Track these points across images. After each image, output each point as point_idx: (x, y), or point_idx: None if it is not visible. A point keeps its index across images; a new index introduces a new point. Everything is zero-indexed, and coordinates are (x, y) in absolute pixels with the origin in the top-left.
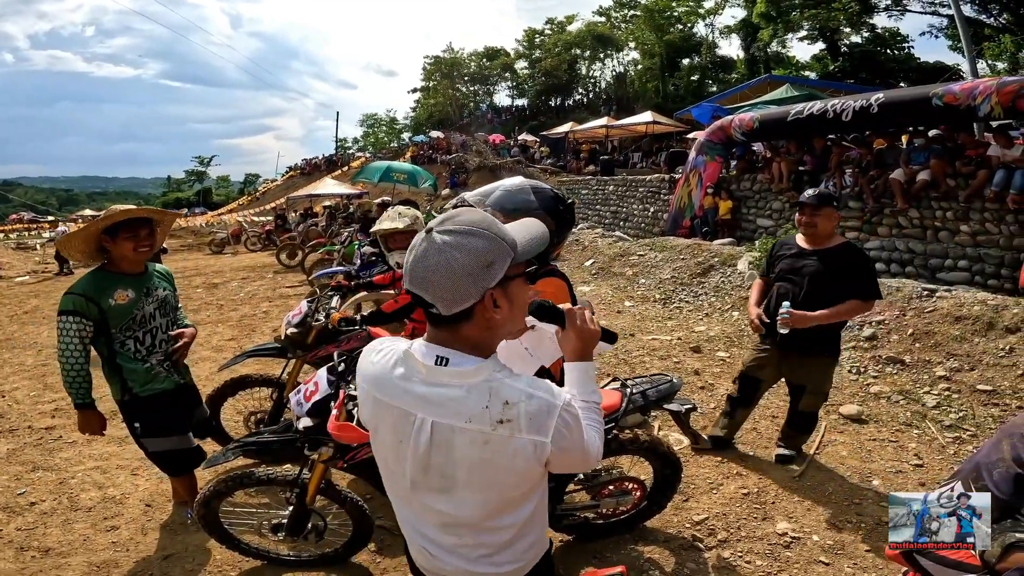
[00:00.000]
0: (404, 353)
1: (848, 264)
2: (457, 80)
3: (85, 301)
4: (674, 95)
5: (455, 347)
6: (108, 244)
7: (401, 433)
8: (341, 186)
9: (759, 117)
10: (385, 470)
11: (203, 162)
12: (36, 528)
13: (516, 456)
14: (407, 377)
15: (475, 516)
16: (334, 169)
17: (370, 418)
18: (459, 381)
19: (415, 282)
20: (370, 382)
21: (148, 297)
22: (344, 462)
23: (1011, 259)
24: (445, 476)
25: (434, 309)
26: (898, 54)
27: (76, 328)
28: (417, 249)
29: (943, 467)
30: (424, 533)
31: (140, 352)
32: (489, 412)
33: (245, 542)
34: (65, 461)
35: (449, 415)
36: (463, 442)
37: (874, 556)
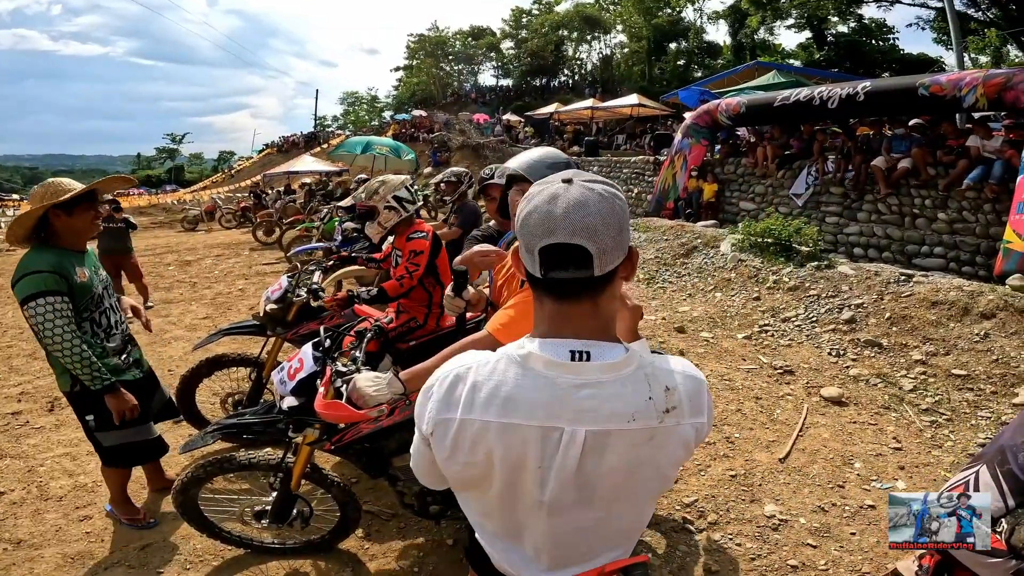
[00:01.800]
0: (521, 359)
1: None
2: (441, 59)
3: (57, 278)
4: (659, 79)
5: (586, 335)
6: (60, 220)
7: (542, 456)
8: (320, 163)
9: (746, 102)
10: (492, 500)
11: (175, 139)
12: (6, 519)
13: (679, 446)
14: (541, 387)
15: (630, 526)
16: (313, 146)
17: (478, 450)
18: (610, 376)
19: (577, 231)
20: (488, 406)
21: (98, 274)
22: (332, 444)
23: (987, 247)
24: (594, 489)
25: (586, 271)
26: (883, 45)
27: (59, 309)
28: (566, 197)
29: (920, 451)
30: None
31: (98, 335)
32: (654, 403)
33: (226, 530)
34: (33, 448)
35: (604, 419)
36: (622, 446)
37: (859, 539)
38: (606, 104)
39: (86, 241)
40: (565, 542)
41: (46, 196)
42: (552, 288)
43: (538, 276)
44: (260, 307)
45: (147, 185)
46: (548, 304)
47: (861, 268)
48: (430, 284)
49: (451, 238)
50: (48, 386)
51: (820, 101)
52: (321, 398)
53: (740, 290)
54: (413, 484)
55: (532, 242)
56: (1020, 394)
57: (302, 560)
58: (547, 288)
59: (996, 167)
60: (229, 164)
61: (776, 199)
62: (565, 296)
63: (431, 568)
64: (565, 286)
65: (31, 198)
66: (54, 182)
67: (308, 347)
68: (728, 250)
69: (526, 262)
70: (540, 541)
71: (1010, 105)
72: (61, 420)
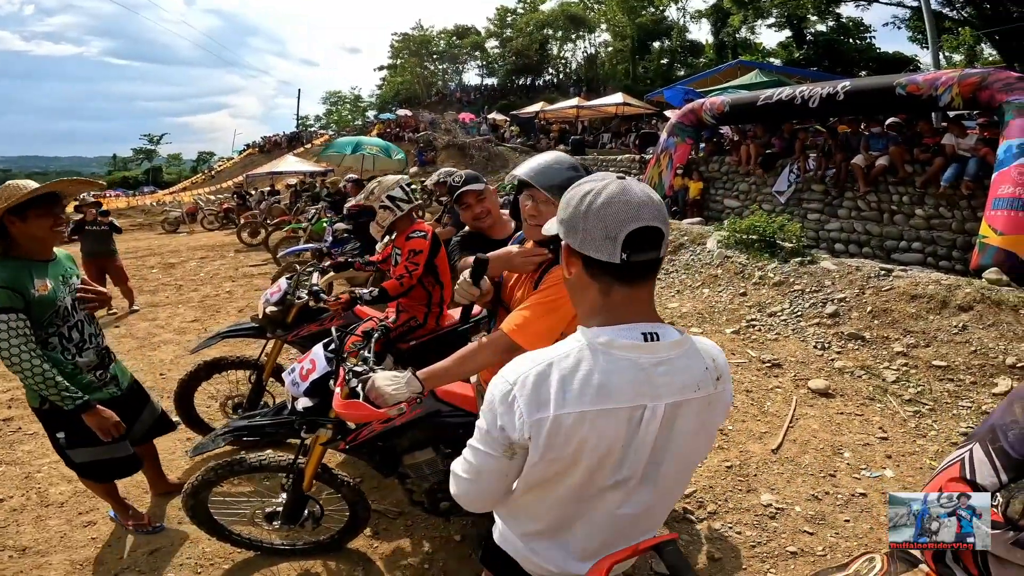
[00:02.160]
0: (604, 346)
1: None
2: (426, 58)
3: (11, 293)
4: (643, 77)
5: (649, 318)
6: (15, 227)
7: (626, 437)
8: (304, 163)
9: (730, 101)
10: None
11: (152, 140)
12: (8, 526)
13: (724, 409)
14: (627, 369)
15: (669, 507)
16: (296, 146)
17: (570, 442)
18: (677, 352)
19: (656, 216)
20: (581, 397)
21: (65, 286)
22: (346, 443)
23: (963, 242)
24: (660, 464)
25: (658, 252)
26: (860, 44)
27: (15, 327)
28: (634, 189)
29: (906, 440)
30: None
31: (68, 350)
32: (710, 372)
33: (236, 532)
34: (28, 454)
35: (678, 392)
36: (690, 414)
37: (853, 525)
38: (591, 103)
39: (49, 249)
40: (618, 526)
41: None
42: (629, 271)
43: (616, 262)
44: (259, 309)
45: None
46: (618, 290)
47: (843, 263)
48: (429, 283)
49: (446, 237)
50: None
51: (801, 100)
52: (339, 398)
53: (727, 286)
54: (422, 482)
55: (617, 229)
56: (999, 384)
57: (312, 561)
58: (623, 272)
59: (971, 164)
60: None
61: (760, 196)
62: (637, 279)
63: (441, 564)
64: (641, 268)
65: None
66: (9, 185)
67: (319, 348)
68: (714, 247)
69: (599, 252)
70: (594, 529)
71: (984, 104)
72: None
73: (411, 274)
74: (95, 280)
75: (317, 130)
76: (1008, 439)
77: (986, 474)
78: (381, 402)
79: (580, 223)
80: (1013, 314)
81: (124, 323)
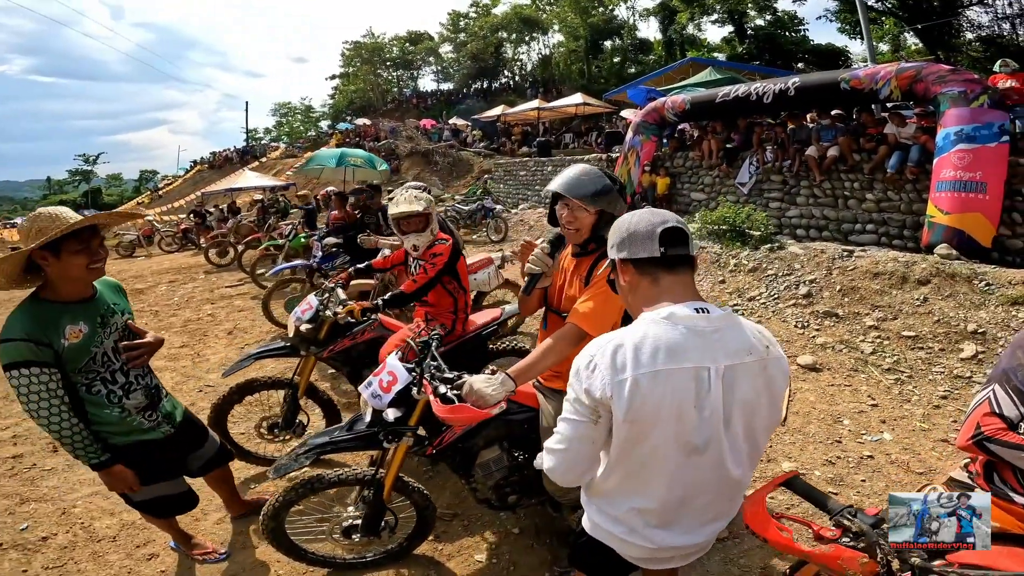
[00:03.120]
0: (667, 318)
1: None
2: (379, 65)
3: (34, 347)
4: (597, 77)
5: (697, 298)
6: (49, 264)
7: (698, 397)
8: (263, 178)
9: (690, 99)
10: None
11: (88, 160)
12: (65, 564)
13: (782, 375)
14: (688, 335)
15: (755, 456)
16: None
17: (649, 401)
18: (726, 323)
19: (679, 220)
20: (654, 358)
21: (105, 328)
22: (433, 448)
23: (912, 222)
24: (730, 423)
25: (687, 249)
26: (795, 36)
27: (40, 382)
28: (658, 210)
29: (894, 406)
30: (695, 506)
31: (115, 393)
32: (759, 340)
33: (311, 551)
34: (54, 490)
35: (732, 355)
36: (746, 378)
37: (869, 484)
38: (552, 104)
39: (87, 287)
40: (705, 495)
41: (30, 235)
42: (670, 262)
43: (657, 255)
44: (290, 329)
45: None
46: (664, 278)
47: (808, 247)
48: (455, 289)
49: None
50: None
51: (756, 96)
52: (439, 404)
53: (706, 275)
54: (488, 479)
55: (653, 228)
56: (965, 349)
57: (384, 571)
58: (665, 263)
59: (913, 151)
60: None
61: (724, 188)
62: (678, 266)
63: (508, 557)
64: (679, 260)
65: (20, 233)
66: (41, 215)
67: (394, 359)
68: None
69: (644, 250)
70: (684, 496)
71: (921, 96)
72: (71, 460)
73: (426, 271)
74: None
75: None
76: (1019, 378)
77: (1010, 408)
78: (482, 403)
79: (627, 238)
80: (967, 284)
81: None
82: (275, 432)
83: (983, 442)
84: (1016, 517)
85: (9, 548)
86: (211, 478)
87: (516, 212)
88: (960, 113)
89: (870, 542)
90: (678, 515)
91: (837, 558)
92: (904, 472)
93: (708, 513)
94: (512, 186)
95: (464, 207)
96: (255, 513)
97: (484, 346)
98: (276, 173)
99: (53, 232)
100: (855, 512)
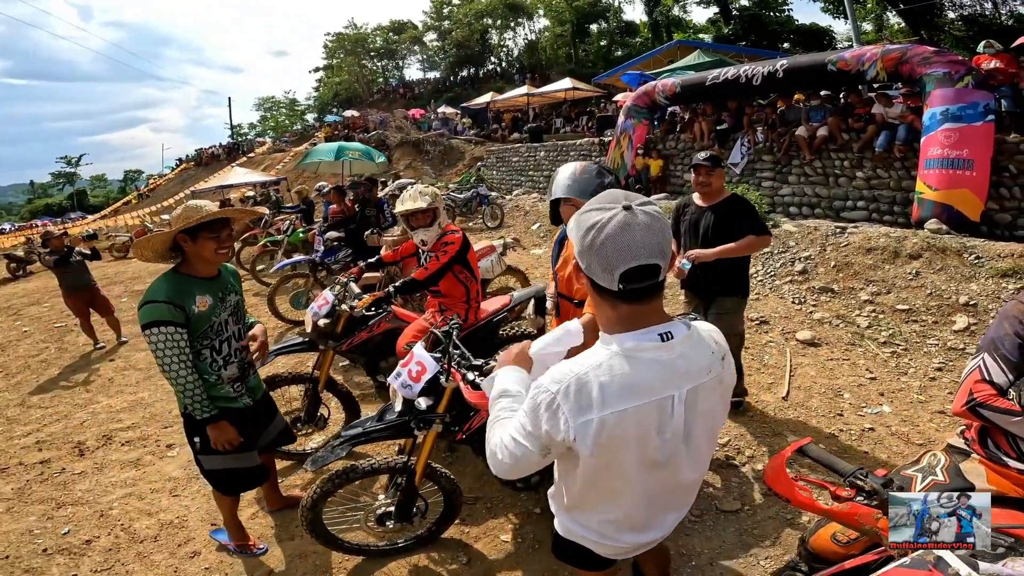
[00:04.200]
0: (629, 352)
1: (737, 211)
2: (363, 56)
3: (173, 308)
4: (585, 61)
5: (661, 320)
6: (187, 245)
7: (661, 424)
8: (253, 174)
9: (680, 82)
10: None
11: (71, 162)
12: (113, 567)
13: (732, 379)
14: (654, 368)
15: (709, 454)
16: (237, 157)
17: (613, 437)
18: (688, 345)
19: (653, 254)
20: (620, 398)
21: (223, 303)
22: (463, 433)
23: (901, 198)
24: (690, 438)
25: (656, 279)
26: (779, 16)
27: (173, 339)
28: (635, 224)
29: (891, 379)
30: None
31: (216, 362)
32: (716, 354)
33: (346, 540)
34: (88, 493)
35: (694, 377)
36: (706, 394)
37: (873, 455)
38: (541, 89)
39: (213, 268)
40: (671, 497)
41: (177, 220)
42: (628, 296)
43: (613, 289)
44: (308, 324)
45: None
46: (623, 308)
47: (802, 225)
48: (466, 279)
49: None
50: (63, 431)
51: (746, 79)
52: (470, 391)
53: None
54: None
55: (613, 265)
56: (957, 322)
57: (417, 556)
58: (623, 297)
59: (900, 130)
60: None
61: None
62: (641, 300)
63: (532, 536)
64: (641, 293)
65: (171, 218)
66: (188, 206)
67: (421, 349)
68: None
69: (600, 280)
70: (652, 503)
71: (906, 76)
72: (99, 463)
73: (438, 259)
74: (81, 314)
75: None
76: (1006, 347)
77: (999, 375)
78: None
79: (586, 253)
80: (957, 258)
81: (118, 355)
82: (298, 426)
83: (976, 408)
84: (1011, 481)
85: (55, 553)
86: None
87: (511, 198)
88: (945, 93)
89: (882, 499)
90: (645, 519)
91: (855, 514)
92: (904, 444)
93: (671, 512)
94: (505, 172)
95: (459, 195)
96: (291, 508)
97: (495, 333)
98: (265, 168)
99: (194, 220)
100: (866, 473)
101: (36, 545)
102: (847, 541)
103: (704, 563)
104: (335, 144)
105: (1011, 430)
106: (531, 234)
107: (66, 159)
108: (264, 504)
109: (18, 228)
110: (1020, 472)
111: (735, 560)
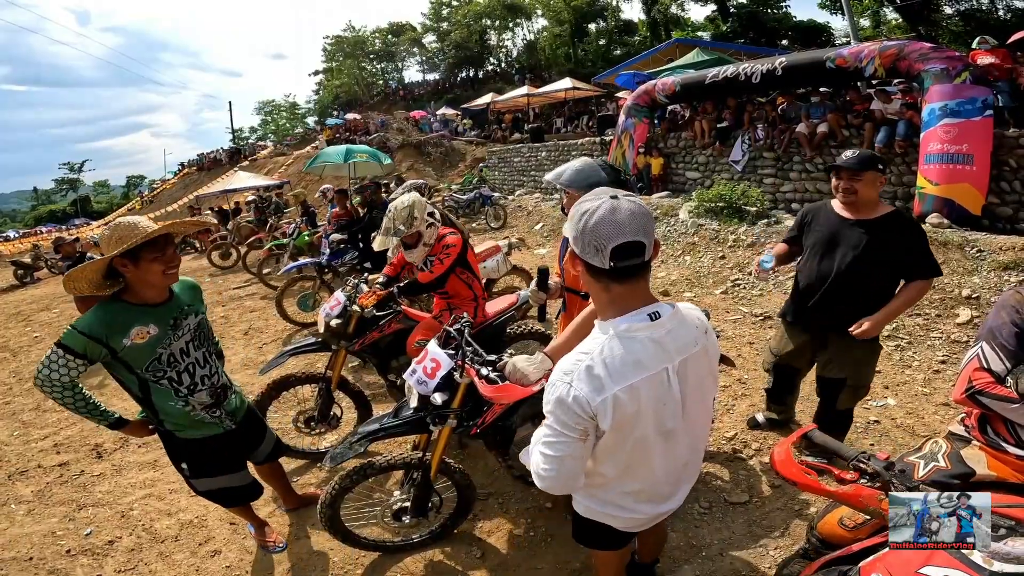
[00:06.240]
0: (625, 333)
1: (903, 239)
2: (362, 59)
3: (90, 342)
4: (584, 60)
5: (649, 301)
6: (128, 271)
7: (661, 394)
8: (257, 178)
9: (680, 81)
10: (638, 444)
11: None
12: (136, 567)
13: (716, 351)
14: (648, 345)
15: (707, 426)
16: (239, 161)
17: (628, 411)
18: (675, 321)
19: (638, 232)
20: (625, 374)
21: (176, 331)
22: (477, 428)
23: (903, 193)
24: (686, 407)
25: (646, 257)
26: (777, 13)
27: (67, 366)
28: (622, 208)
29: (896, 371)
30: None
31: (180, 391)
32: (699, 328)
33: (364, 536)
34: (108, 494)
35: (683, 350)
36: (695, 365)
37: (878, 448)
38: (542, 90)
39: (161, 291)
40: (678, 467)
41: (111, 243)
42: (619, 274)
43: (605, 268)
44: (320, 325)
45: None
46: (615, 288)
47: None
48: (468, 278)
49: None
50: (80, 434)
51: (745, 77)
52: (485, 385)
53: (706, 252)
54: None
55: (604, 243)
56: (960, 315)
57: (431, 552)
58: (613, 275)
59: (900, 127)
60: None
61: (717, 167)
62: (628, 278)
63: (544, 530)
64: (630, 271)
65: (100, 241)
66: (121, 224)
67: (435, 346)
68: (687, 217)
69: (594, 259)
70: (662, 474)
71: (904, 73)
72: (117, 464)
73: (442, 262)
74: None
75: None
76: (1004, 336)
77: (996, 363)
78: (526, 382)
79: (580, 237)
80: (959, 252)
81: None
82: (311, 425)
83: (975, 395)
84: (1011, 467)
85: (78, 554)
86: (264, 473)
87: (513, 198)
88: (943, 89)
89: (885, 481)
90: (661, 490)
91: (859, 496)
92: (910, 436)
93: (683, 483)
94: (507, 173)
95: (461, 196)
96: (307, 506)
97: (503, 331)
98: (268, 172)
99: (132, 240)
100: (869, 457)
101: (60, 546)
102: (854, 525)
103: (714, 554)
104: (343, 147)
105: (1009, 417)
106: (534, 234)
107: (69, 165)
108: (280, 503)
109: (23, 235)
110: (1019, 458)
111: (745, 551)
